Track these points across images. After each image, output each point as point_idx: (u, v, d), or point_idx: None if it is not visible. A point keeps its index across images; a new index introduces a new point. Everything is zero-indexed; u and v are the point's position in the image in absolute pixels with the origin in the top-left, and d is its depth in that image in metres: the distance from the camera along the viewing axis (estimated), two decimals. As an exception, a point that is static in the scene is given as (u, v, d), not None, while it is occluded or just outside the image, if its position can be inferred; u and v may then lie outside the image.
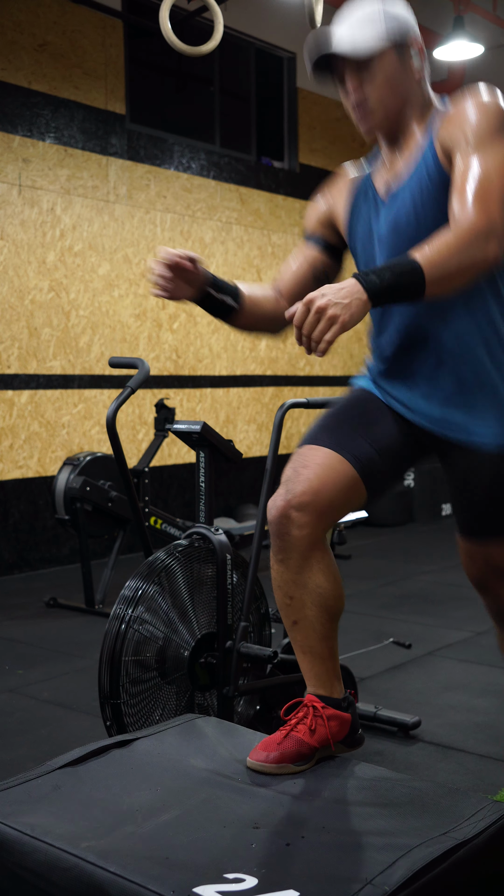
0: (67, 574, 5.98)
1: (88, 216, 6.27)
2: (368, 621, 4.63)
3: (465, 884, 1.62)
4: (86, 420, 6.28)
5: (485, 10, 7.80)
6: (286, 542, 1.98)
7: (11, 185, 5.84)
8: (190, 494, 6.95)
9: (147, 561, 2.74)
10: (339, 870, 1.55)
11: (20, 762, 2.97)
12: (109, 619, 2.63)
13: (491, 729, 3.19)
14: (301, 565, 2.00)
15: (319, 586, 2.01)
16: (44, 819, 1.70)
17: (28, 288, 5.93)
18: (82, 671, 3.93)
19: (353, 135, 8.45)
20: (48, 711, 3.48)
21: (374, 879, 1.50)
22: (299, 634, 2.05)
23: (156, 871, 1.53)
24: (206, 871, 1.53)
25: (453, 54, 7.44)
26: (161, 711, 2.65)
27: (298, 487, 1.96)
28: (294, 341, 8.29)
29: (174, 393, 6.87)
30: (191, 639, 2.71)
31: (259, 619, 2.96)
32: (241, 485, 7.40)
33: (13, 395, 5.87)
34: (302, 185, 7.91)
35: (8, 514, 5.91)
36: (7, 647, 4.35)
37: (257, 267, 7.49)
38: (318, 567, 2.01)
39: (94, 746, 2.02)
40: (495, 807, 1.77)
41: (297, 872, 1.54)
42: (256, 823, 1.71)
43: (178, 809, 1.76)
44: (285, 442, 7.85)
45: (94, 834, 1.65)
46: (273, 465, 2.80)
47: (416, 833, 1.66)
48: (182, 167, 6.89)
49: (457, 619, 4.63)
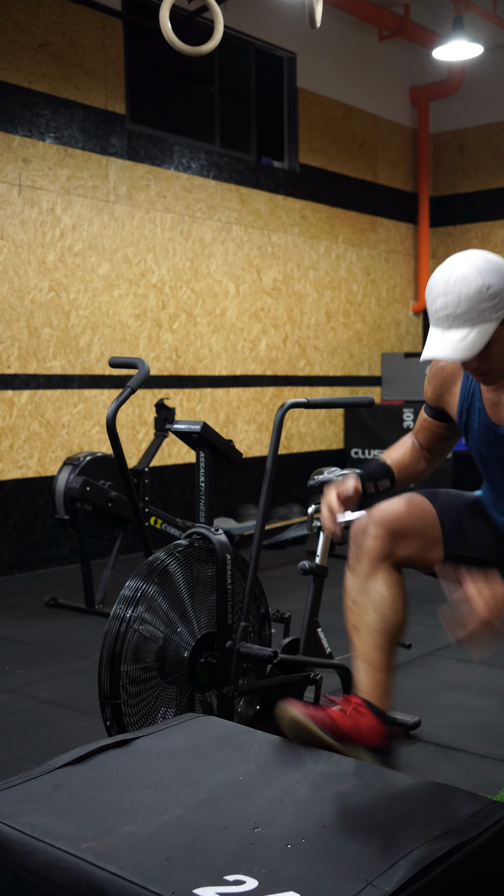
0: (67, 574, 5.98)
1: (88, 216, 6.27)
2: (368, 621, 4.63)
3: (465, 884, 1.61)
4: (86, 420, 6.28)
5: (485, 10, 7.80)
6: (359, 550, 2.26)
7: (11, 185, 5.84)
8: (190, 494, 6.95)
9: (147, 561, 2.74)
10: (339, 870, 1.54)
11: (20, 762, 2.97)
12: (109, 619, 2.63)
13: (491, 729, 3.19)
14: (368, 573, 2.24)
15: (381, 595, 2.23)
16: (44, 819, 1.70)
17: (28, 288, 5.93)
18: (82, 671, 3.93)
19: (353, 135, 8.46)
20: (48, 711, 3.48)
21: (374, 880, 1.50)
22: (358, 640, 2.23)
23: (156, 871, 1.52)
24: (207, 872, 1.53)
25: (453, 54, 7.43)
26: (161, 711, 2.65)
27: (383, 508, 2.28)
28: (293, 342, 8.29)
29: (174, 393, 6.87)
30: (191, 639, 2.71)
31: (259, 619, 2.96)
32: (241, 485, 7.40)
33: (13, 395, 5.87)
34: (302, 185, 7.91)
35: (8, 514, 5.91)
36: (7, 647, 4.34)
37: (257, 267, 7.48)
38: (383, 579, 2.24)
39: (94, 746, 2.02)
40: (495, 807, 1.77)
41: (298, 873, 1.54)
42: (256, 824, 1.70)
43: (178, 809, 1.76)
44: (285, 442, 7.85)
45: (94, 834, 1.65)
46: (273, 465, 2.80)
47: (417, 833, 1.66)
48: (182, 167, 6.89)
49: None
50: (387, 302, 8.90)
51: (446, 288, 1.96)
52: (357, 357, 8.56)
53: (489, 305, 1.95)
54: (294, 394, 7.83)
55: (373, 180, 8.68)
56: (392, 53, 8.72)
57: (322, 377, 8.16)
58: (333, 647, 3.18)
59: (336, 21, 7.99)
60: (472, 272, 1.95)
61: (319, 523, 3.17)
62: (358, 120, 8.48)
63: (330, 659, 3.18)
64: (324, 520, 2.27)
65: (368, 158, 8.63)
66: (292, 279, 7.82)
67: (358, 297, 8.54)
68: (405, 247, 9.12)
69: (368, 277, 8.65)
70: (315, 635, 3.13)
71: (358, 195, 8.50)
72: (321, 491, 3.19)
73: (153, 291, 6.70)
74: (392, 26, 7.99)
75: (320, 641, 3.17)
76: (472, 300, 1.95)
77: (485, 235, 9.03)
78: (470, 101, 9.00)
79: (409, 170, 9.13)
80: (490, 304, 1.95)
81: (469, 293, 1.95)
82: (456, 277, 1.96)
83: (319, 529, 3.17)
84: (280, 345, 7.73)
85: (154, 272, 6.70)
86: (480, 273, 1.95)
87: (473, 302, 1.95)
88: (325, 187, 8.14)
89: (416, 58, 8.92)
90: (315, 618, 3.12)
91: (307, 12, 3.37)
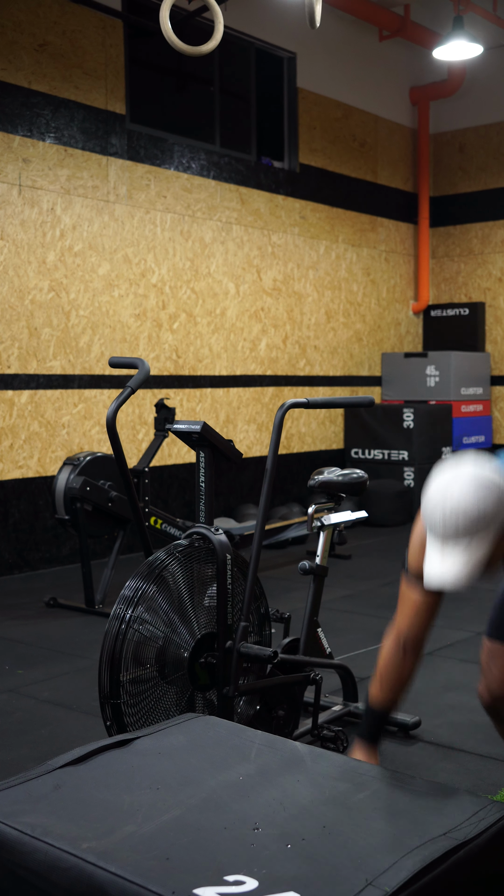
0: (67, 574, 5.98)
1: (88, 216, 6.27)
2: (368, 621, 4.63)
3: (465, 884, 1.61)
4: (86, 420, 6.28)
5: (485, 10, 7.80)
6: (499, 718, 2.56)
7: (11, 185, 5.84)
8: (190, 494, 6.95)
9: (147, 561, 2.74)
10: (339, 871, 1.54)
11: (20, 762, 2.97)
12: (109, 619, 2.63)
13: (491, 729, 3.19)
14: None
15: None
16: (44, 819, 1.70)
17: (28, 288, 5.93)
18: (82, 671, 3.93)
19: (353, 135, 8.46)
20: (48, 711, 3.48)
21: (374, 880, 1.50)
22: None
23: (156, 871, 1.52)
24: (207, 872, 1.53)
25: (453, 54, 7.43)
26: (161, 711, 2.65)
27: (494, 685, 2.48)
28: (293, 342, 8.29)
29: (174, 393, 6.87)
30: (191, 639, 2.71)
31: (259, 619, 2.96)
32: (241, 485, 7.40)
33: (13, 395, 5.87)
34: (302, 185, 7.91)
35: (8, 514, 5.91)
36: (7, 647, 4.34)
37: (257, 267, 7.49)
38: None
39: (95, 746, 2.02)
40: (495, 807, 1.77)
41: (298, 873, 1.54)
42: (256, 824, 1.70)
43: (178, 809, 1.75)
44: (285, 442, 7.85)
45: (94, 834, 1.65)
46: (273, 465, 2.79)
47: (417, 833, 1.66)
48: (182, 167, 6.89)
49: (457, 619, 4.63)
50: (387, 302, 8.90)
51: (443, 514, 2.04)
52: (357, 357, 8.56)
53: (484, 527, 2.05)
54: (294, 394, 7.83)
55: (373, 180, 8.68)
56: (392, 53, 8.72)
57: (322, 377, 8.16)
58: (333, 647, 3.18)
59: (336, 21, 7.99)
60: (466, 499, 2.04)
61: (319, 523, 3.17)
62: (358, 120, 8.48)
63: (330, 659, 3.18)
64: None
65: (368, 158, 8.63)
66: (292, 279, 7.82)
67: (358, 297, 8.54)
68: (405, 247, 9.12)
69: (368, 277, 8.65)
70: (315, 635, 3.13)
71: (358, 195, 8.50)
72: (321, 491, 3.19)
73: (153, 291, 6.70)
74: (392, 26, 7.99)
75: (320, 641, 3.17)
76: (469, 527, 2.03)
77: (485, 235, 9.03)
78: (470, 101, 9.00)
79: (410, 170, 9.13)
80: (485, 526, 2.05)
81: (465, 521, 2.03)
82: (451, 506, 2.04)
83: (319, 529, 3.17)
84: (280, 345, 7.73)
85: (154, 272, 6.70)
86: (474, 500, 2.04)
87: (470, 528, 2.04)
88: (325, 187, 8.14)
89: (416, 58, 8.92)
90: (315, 618, 3.12)
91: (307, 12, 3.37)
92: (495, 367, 8.99)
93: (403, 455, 8.04)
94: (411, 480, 7.98)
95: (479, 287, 9.09)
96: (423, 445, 8.02)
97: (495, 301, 9.00)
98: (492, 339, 9.05)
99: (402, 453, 8.05)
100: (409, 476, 8.00)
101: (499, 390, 8.98)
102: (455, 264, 9.23)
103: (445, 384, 8.35)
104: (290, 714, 2.95)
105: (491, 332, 9.05)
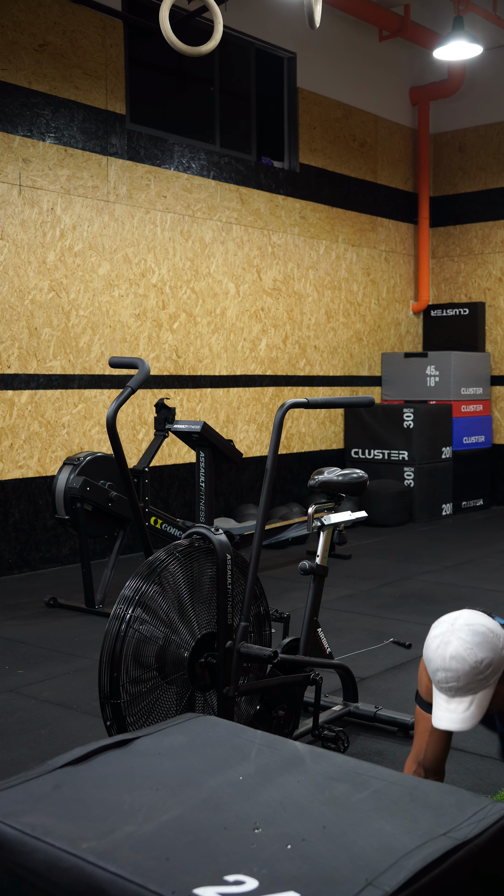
0: (67, 574, 5.98)
1: (88, 216, 6.27)
2: (368, 621, 4.62)
3: (465, 884, 1.61)
4: (86, 420, 6.28)
5: (485, 10, 7.80)
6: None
7: (11, 185, 5.84)
8: (190, 494, 6.95)
9: (147, 561, 2.74)
10: (339, 871, 1.54)
11: (20, 762, 2.97)
12: (109, 619, 2.63)
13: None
14: None
15: None
16: (44, 819, 1.70)
17: (28, 288, 5.93)
18: (82, 671, 3.93)
19: (353, 135, 8.46)
20: (48, 711, 3.48)
21: (374, 880, 1.50)
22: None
23: (156, 871, 1.52)
24: (207, 872, 1.53)
25: (453, 54, 7.43)
26: (161, 711, 2.65)
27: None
28: (293, 342, 8.29)
29: (174, 393, 6.87)
30: (191, 639, 2.71)
31: (259, 619, 2.96)
32: (241, 485, 7.40)
33: (13, 395, 5.87)
34: (302, 185, 7.91)
35: (8, 514, 5.91)
36: (7, 647, 4.34)
37: (257, 267, 7.49)
38: None
39: (95, 746, 2.02)
40: (495, 807, 1.77)
41: (298, 874, 1.54)
42: (257, 824, 1.70)
43: (178, 809, 1.75)
44: (285, 442, 7.85)
45: (95, 834, 1.65)
46: (273, 465, 2.80)
47: (417, 833, 1.66)
48: (182, 167, 6.89)
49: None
50: (387, 302, 8.90)
51: (444, 664, 2.15)
52: (357, 357, 8.56)
53: (485, 676, 2.15)
54: (294, 394, 7.83)
55: (373, 180, 8.68)
56: (392, 53, 8.72)
57: (322, 377, 8.16)
58: (333, 647, 3.18)
59: (336, 21, 7.99)
60: (465, 649, 2.15)
61: (319, 523, 3.18)
62: (358, 120, 8.48)
63: (330, 659, 3.18)
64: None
65: (368, 158, 8.63)
66: (292, 279, 7.82)
67: (358, 297, 8.54)
68: (405, 247, 9.12)
69: (368, 277, 8.65)
70: (315, 635, 3.13)
71: (358, 195, 8.50)
72: (321, 491, 3.20)
73: (153, 291, 6.70)
74: (392, 26, 7.99)
75: (320, 641, 3.17)
76: (469, 675, 2.14)
77: (485, 235, 9.03)
78: (470, 101, 9.00)
79: (410, 170, 9.13)
80: (485, 675, 2.16)
81: (465, 670, 2.14)
82: (451, 654, 2.15)
83: (319, 529, 3.17)
84: (280, 345, 7.73)
85: (154, 272, 6.70)
86: (472, 649, 2.15)
87: (471, 677, 2.14)
88: (325, 187, 8.14)
89: (416, 58, 8.92)
90: (315, 618, 3.12)
91: (306, 12, 3.38)
92: (495, 367, 8.99)
93: (403, 455, 8.04)
94: (411, 480, 7.99)
95: (479, 287, 9.09)
96: (423, 445, 8.02)
97: (495, 301, 9.00)
98: (492, 339, 9.05)
99: (402, 453, 8.05)
100: (409, 476, 8.00)
101: (499, 390, 8.98)
102: (455, 264, 9.23)
103: (445, 384, 8.35)
104: (291, 714, 2.95)
105: (491, 332, 9.05)
